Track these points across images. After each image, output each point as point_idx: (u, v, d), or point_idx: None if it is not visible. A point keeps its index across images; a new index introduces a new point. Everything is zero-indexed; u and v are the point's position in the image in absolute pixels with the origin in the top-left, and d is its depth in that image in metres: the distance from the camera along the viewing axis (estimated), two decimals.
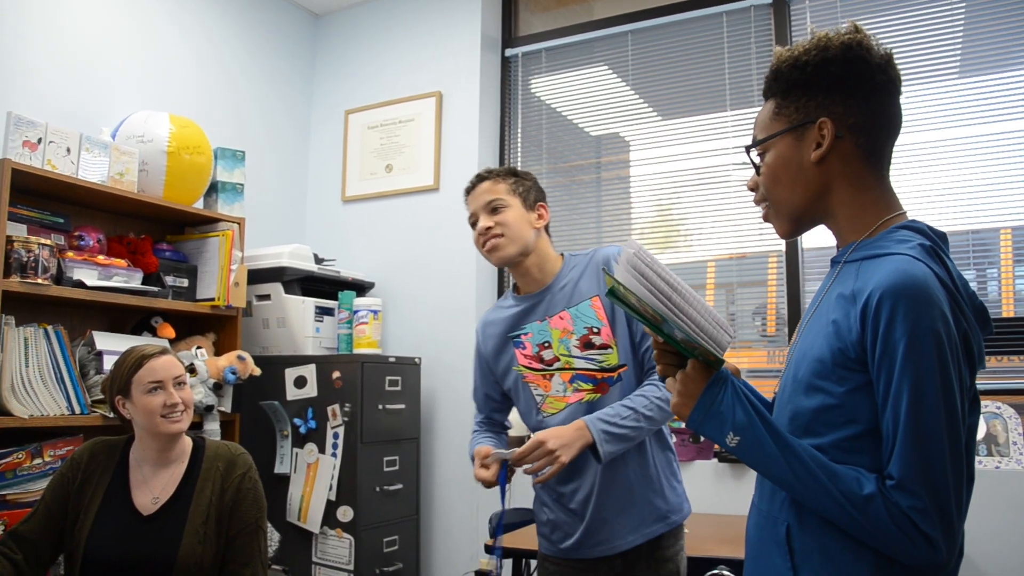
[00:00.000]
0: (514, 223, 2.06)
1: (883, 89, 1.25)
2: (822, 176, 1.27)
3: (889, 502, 1.09)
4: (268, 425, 3.50)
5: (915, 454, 1.08)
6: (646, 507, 2.02)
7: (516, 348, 2.13)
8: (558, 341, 2.06)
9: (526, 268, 2.10)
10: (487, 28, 4.12)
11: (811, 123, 1.26)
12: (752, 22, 3.62)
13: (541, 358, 2.08)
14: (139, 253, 3.13)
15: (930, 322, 1.09)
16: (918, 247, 1.17)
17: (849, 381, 1.16)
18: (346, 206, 4.33)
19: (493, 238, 2.05)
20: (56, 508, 2.16)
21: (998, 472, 2.84)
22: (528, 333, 2.11)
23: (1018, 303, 3.11)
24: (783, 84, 1.29)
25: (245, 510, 2.22)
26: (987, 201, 3.12)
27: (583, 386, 2.04)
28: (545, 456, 1.85)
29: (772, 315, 3.49)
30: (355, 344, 3.64)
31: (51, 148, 2.81)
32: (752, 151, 1.35)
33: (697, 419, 1.23)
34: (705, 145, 3.67)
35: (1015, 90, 3.11)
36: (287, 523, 3.40)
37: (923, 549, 1.08)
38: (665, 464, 2.08)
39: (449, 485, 3.84)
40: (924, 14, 3.27)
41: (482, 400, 2.28)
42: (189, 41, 3.81)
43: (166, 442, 2.22)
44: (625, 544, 2.01)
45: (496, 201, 2.07)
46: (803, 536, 1.21)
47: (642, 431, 1.95)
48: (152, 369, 2.20)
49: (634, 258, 1.19)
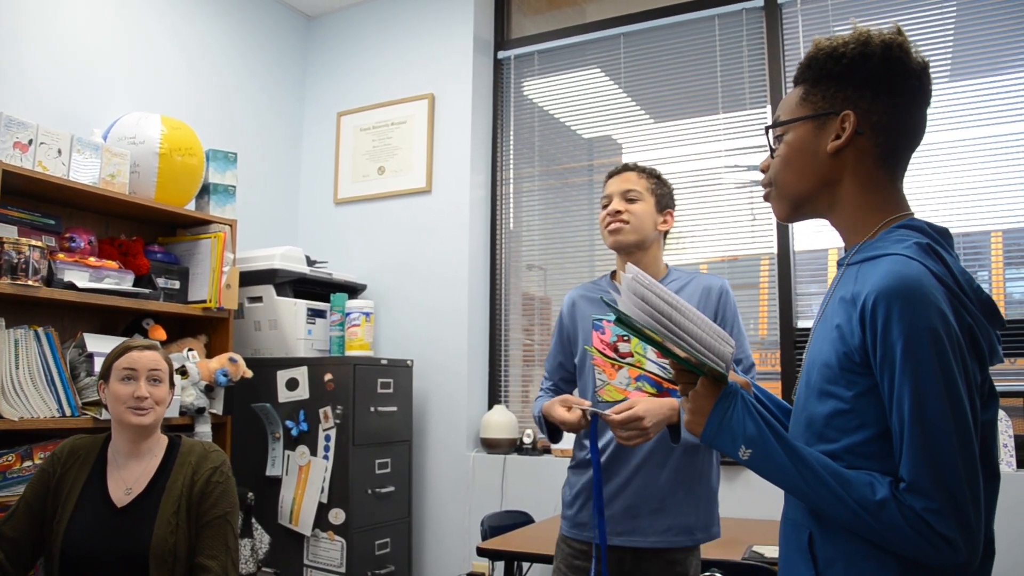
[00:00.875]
0: (642, 215, 2.17)
1: (913, 95, 1.25)
2: (834, 168, 1.27)
3: (903, 505, 1.08)
4: (260, 427, 3.49)
5: (923, 454, 1.07)
6: (676, 516, 2.06)
7: (595, 330, 2.20)
8: (637, 340, 2.06)
9: (634, 261, 2.15)
10: (479, 30, 4.12)
11: (835, 114, 1.26)
12: (744, 25, 3.63)
13: (616, 348, 2.15)
14: (130, 255, 3.12)
15: (926, 321, 1.08)
16: (913, 246, 1.17)
17: (857, 385, 1.16)
18: (338, 208, 4.33)
19: (619, 221, 2.16)
20: (37, 504, 2.17)
21: None
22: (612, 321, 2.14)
23: (1009, 305, 3.12)
24: (815, 72, 1.29)
25: (214, 501, 2.23)
26: (978, 204, 3.13)
27: (646, 387, 2.11)
28: (638, 430, 1.91)
29: (764, 318, 3.50)
30: (347, 346, 3.64)
31: (42, 149, 2.79)
32: (771, 132, 1.35)
33: (710, 434, 1.24)
34: (697, 148, 3.68)
35: (1005, 93, 3.13)
36: (279, 525, 3.40)
37: (942, 550, 1.07)
38: (707, 484, 2.14)
39: (441, 487, 3.83)
40: (915, 18, 3.28)
41: (555, 368, 2.34)
42: (181, 43, 3.80)
43: (134, 434, 2.24)
44: (644, 542, 2.05)
45: (634, 192, 2.19)
46: (825, 543, 1.20)
47: None
48: (131, 359, 2.25)
49: (633, 282, 1.21)
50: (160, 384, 2.27)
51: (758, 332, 3.52)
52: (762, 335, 3.50)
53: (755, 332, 3.52)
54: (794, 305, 3.39)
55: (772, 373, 3.39)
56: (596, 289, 2.26)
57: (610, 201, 2.20)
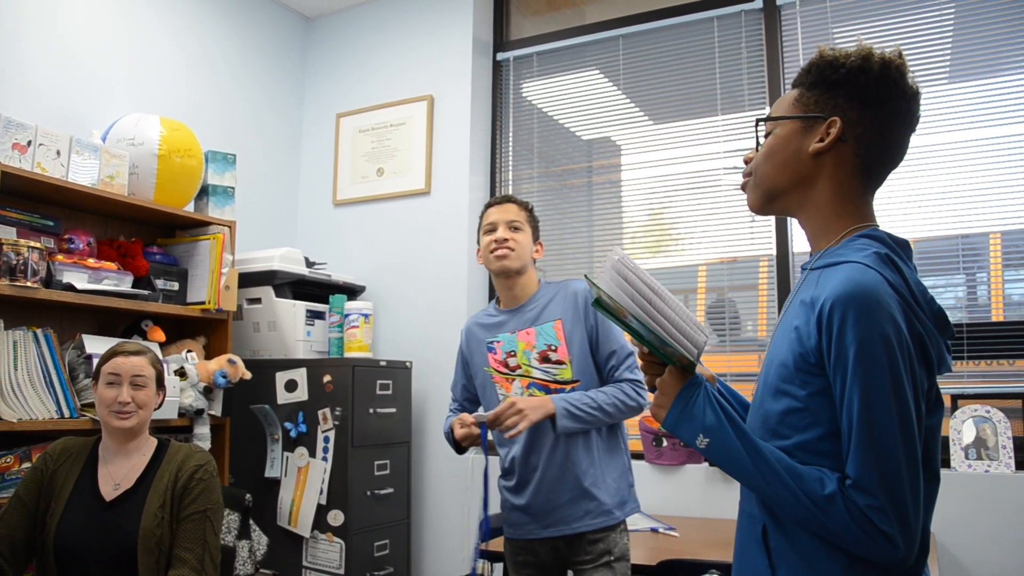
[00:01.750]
0: (524, 245, 2.45)
1: (900, 116, 1.29)
2: (812, 169, 1.32)
3: (849, 501, 1.14)
4: (259, 429, 3.49)
5: (868, 454, 1.13)
6: (591, 501, 2.32)
7: (489, 352, 2.49)
8: (522, 352, 2.42)
9: (512, 284, 2.46)
10: (479, 32, 4.13)
11: (823, 118, 1.30)
12: (743, 27, 3.63)
13: (507, 364, 2.45)
14: (129, 256, 3.12)
15: (879, 327, 1.13)
16: (872, 255, 1.21)
17: (811, 385, 1.22)
18: (337, 209, 4.33)
19: (506, 248, 2.41)
20: (30, 500, 2.23)
21: (988, 476, 2.85)
22: (500, 341, 2.47)
23: (1008, 307, 3.12)
24: (813, 77, 1.34)
25: (195, 497, 2.28)
26: (977, 205, 3.13)
27: (537, 393, 2.38)
28: (516, 414, 2.20)
29: (763, 319, 3.50)
30: (346, 348, 3.64)
31: (41, 151, 2.80)
32: (761, 126, 1.40)
33: (671, 421, 1.30)
34: (696, 149, 3.68)
35: (1004, 95, 3.13)
36: (277, 527, 3.39)
37: (883, 546, 1.12)
38: (613, 463, 2.39)
39: (440, 489, 3.83)
40: (914, 20, 3.29)
41: (460, 390, 2.64)
42: (180, 44, 3.80)
43: (119, 435, 2.31)
44: (567, 530, 2.32)
45: (517, 222, 2.46)
46: (778, 535, 1.26)
47: (597, 419, 2.29)
48: (115, 364, 2.32)
49: (618, 264, 1.27)
50: (143, 388, 2.33)
51: (756, 333, 3.52)
52: (761, 336, 3.51)
53: (753, 333, 3.52)
54: None
55: None
56: (485, 317, 2.55)
57: (494, 228, 2.45)
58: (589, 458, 2.34)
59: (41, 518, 2.22)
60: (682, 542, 2.80)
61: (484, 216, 2.51)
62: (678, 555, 2.43)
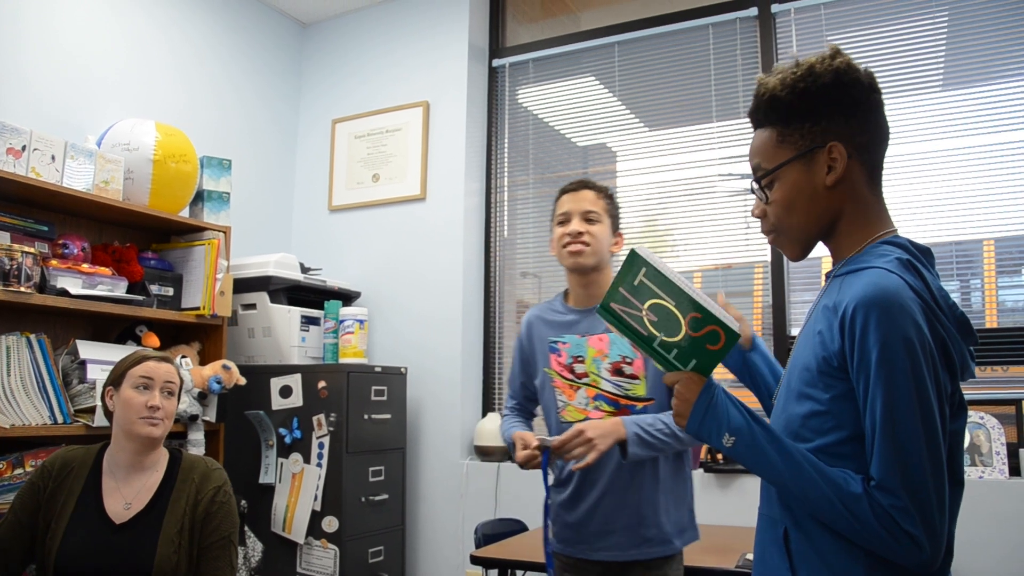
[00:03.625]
0: (602, 238, 2.18)
1: (876, 105, 1.30)
2: (835, 198, 1.30)
3: (874, 501, 1.14)
4: (253, 435, 3.48)
5: (892, 455, 1.13)
6: (651, 528, 2.10)
7: (551, 352, 2.22)
8: (592, 360, 2.16)
9: (589, 282, 2.21)
10: (474, 38, 4.13)
11: (820, 148, 1.28)
12: (738, 34, 3.64)
13: (572, 369, 2.18)
14: (124, 261, 3.11)
15: (901, 330, 1.14)
16: (895, 260, 1.22)
17: (834, 388, 1.22)
18: (333, 215, 4.33)
19: (581, 243, 2.16)
20: (26, 517, 2.12)
21: (981, 482, 2.86)
22: (567, 343, 2.21)
23: (1001, 313, 3.13)
24: (781, 112, 1.31)
25: (219, 522, 2.20)
26: (970, 213, 3.14)
27: (604, 407, 2.14)
28: (584, 444, 1.95)
29: (758, 325, 3.50)
30: (341, 354, 3.63)
31: (35, 156, 2.79)
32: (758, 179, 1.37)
33: (695, 423, 1.30)
34: (692, 156, 3.69)
35: (998, 102, 3.14)
36: (272, 533, 3.38)
37: (907, 547, 1.12)
38: (677, 491, 2.17)
39: (435, 495, 3.83)
40: (908, 27, 3.30)
41: (518, 388, 2.37)
42: (176, 49, 3.80)
43: (140, 445, 2.19)
44: (623, 556, 2.10)
45: (594, 213, 2.19)
46: (800, 538, 1.26)
47: (669, 446, 2.05)
48: (148, 368, 2.22)
49: (652, 255, 1.30)
50: (172, 397, 2.25)
51: None
52: None
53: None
54: (787, 313, 3.40)
55: None
56: (549, 311, 2.29)
57: (567, 219, 2.20)
58: (655, 483, 2.12)
59: (41, 538, 2.10)
60: None
61: (557, 204, 2.26)
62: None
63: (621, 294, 1.33)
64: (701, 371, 1.33)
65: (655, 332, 1.33)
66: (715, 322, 1.28)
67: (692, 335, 1.30)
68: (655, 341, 1.34)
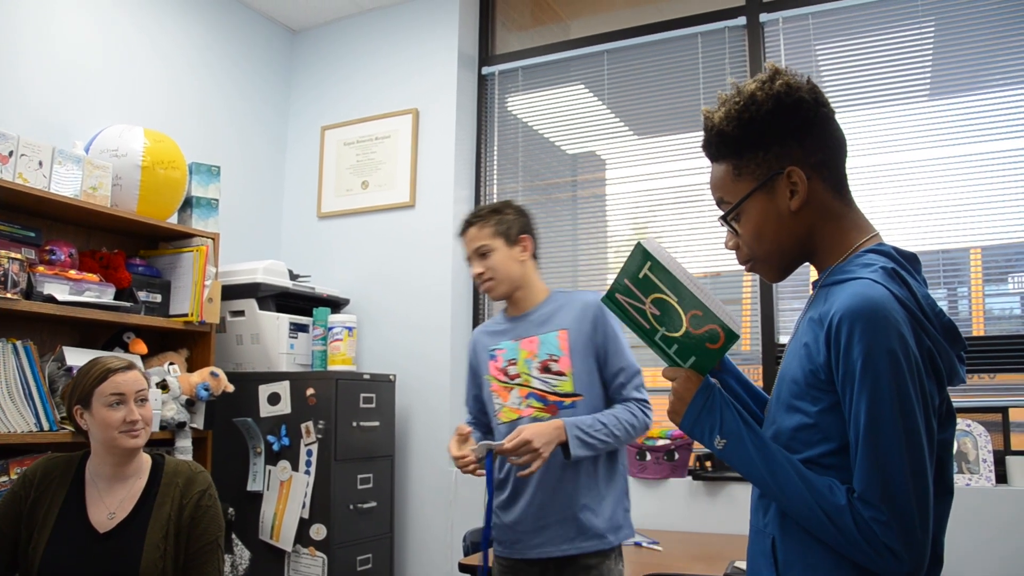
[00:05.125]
0: (501, 265, 2.33)
1: (826, 119, 1.30)
2: (803, 221, 1.30)
3: (856, 513, 1.15)
4: (241, 442, 3.47)
5: (873, 468, 1.14)
6: (584, 524, 2.20)
7: (490, 360, 2.39)
8: (523, 360, 2.32)
9: (516, 299, 2.40)
10: (464, 46, 4.14)
11: (779, 174, 1.29)
12: (727, 43, 3.66)
13: (507, 372, 2.35)
14: (112, 268, 3.10)
15: (886, 342, 1.13)
16: (880, 270, 1.21)
17: (821, 401, 1.22)
18: (322, 222, 4.32)
19: (486, 282, 2.34)
20: (8, 527, 2.11)
21: (968, 489, 2.87)
22: (502, 349, 2.38)
23: (988, 321, 3.15)
24: (733, 145, 1.32)
25: (205, 526, 2.19)
26: (957, 221, 3.16)
27: (534, 404, 2.28)
28: (530, 452, 2.06)
29: (746, 333, 3.51)
30: (329, 361, 3.62)
31: (23, 161, 2.78)
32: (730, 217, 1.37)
33: (689, 422, 1.32)
34: (680, 164, 3.70)
35: (985, 111, 3.17)
36: (259, 541, 3.37)
37: (887, 560, 1.13)
38: (612, 487, 2.27)
39: (424, 503, 3.82)
40: (895, 36, 3.33)
41: (471, 402, 2.51)
42: (165, 55, 3.79)
43: (122, 456, 2.18)
44: (556, 551, 2.20)
45: (483, 247, 2.33)
46: (786, 548, 1.27)
47: (608, 445, 2.18)
48: (116, 383, 2.16)
49: (657, 246, 1.32)
50: (146, 403, 2.22)
51: (740, 346, 3.53)
52: (745, 349, 3.52)
53: (737, 346, 3.53)
54: (776, 320, 3.41)
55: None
56: (490, 325, 2.47)
57: (470, 262, 2.38)
58: (587, 479, 2.22)
59: (23, 548, 2.08)
60: (666, 556, 2.79)
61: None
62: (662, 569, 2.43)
63: (626, 285, 1.35)
64: (699, 369, 1.34)
65: (657, 326, 1.35)
66: (715, 321, 1.29)
67: (692, 332, 1.32)
68: (657, 335, 1.36)
